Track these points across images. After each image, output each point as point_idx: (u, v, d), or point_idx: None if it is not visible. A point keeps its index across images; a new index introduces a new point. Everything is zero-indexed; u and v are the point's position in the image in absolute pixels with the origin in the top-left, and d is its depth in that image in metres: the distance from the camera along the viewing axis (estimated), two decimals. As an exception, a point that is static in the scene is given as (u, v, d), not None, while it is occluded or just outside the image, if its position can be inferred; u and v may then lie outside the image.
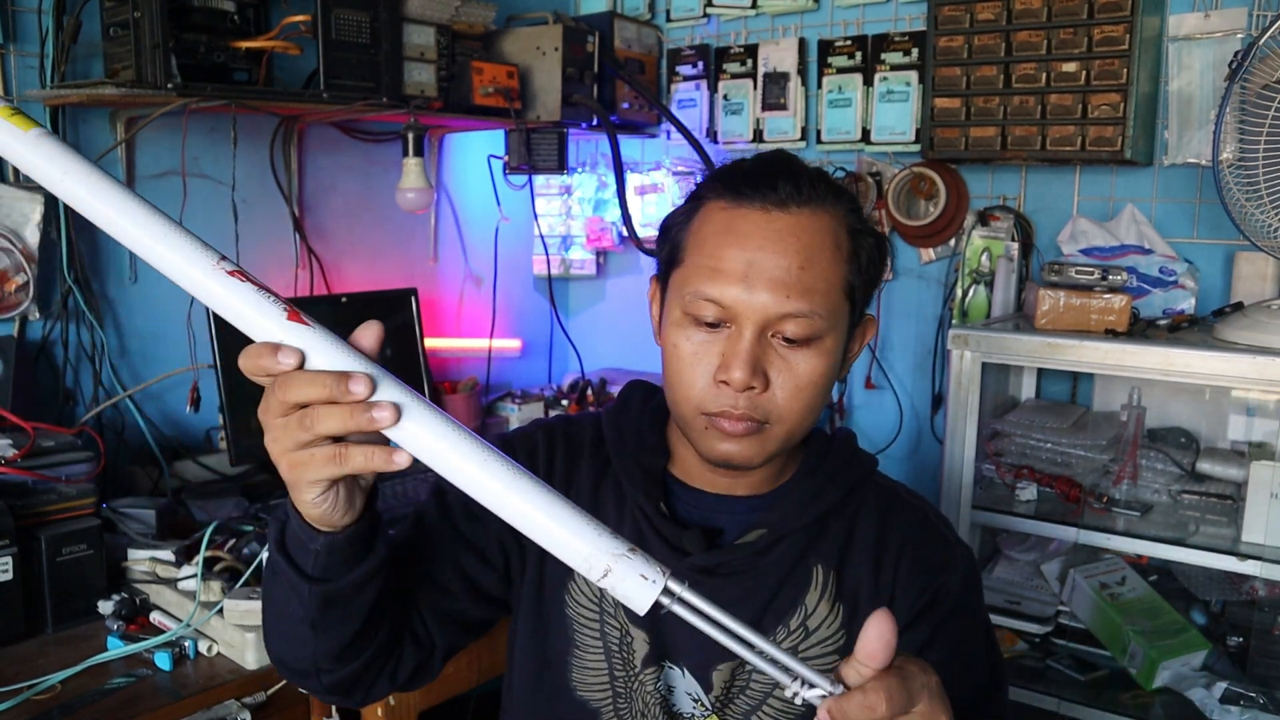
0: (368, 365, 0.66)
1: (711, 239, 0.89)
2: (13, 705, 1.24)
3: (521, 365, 2.74)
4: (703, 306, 0.88)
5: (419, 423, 0.65)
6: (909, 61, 2.23)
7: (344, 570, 0.79)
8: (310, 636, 0.83)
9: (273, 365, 0.65)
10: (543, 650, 1.01)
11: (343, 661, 0.87)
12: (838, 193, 0.91)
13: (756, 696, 0.97)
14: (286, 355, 0.65)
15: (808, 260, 0.87)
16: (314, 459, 0.67)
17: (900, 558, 0.98)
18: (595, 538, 0.65)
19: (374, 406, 0.64)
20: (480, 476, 0.65)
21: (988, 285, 2.15)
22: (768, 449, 0.91)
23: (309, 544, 0.77)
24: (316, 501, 0.72)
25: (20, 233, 1.72)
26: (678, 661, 0.97)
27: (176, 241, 0.66)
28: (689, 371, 0.90)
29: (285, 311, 0.66)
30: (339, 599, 0.80)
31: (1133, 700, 1.76)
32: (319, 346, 0.66)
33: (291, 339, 0.65)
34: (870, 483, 1.02)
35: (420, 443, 0.65)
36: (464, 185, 2.56)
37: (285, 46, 1.80)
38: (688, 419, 0.91)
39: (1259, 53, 1.58)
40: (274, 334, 0.66)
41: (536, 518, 0.65)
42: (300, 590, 0.79)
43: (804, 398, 0.89)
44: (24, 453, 1.49)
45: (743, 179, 0.90)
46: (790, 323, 0.87)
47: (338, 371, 0.65)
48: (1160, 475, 1.86)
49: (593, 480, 1.02)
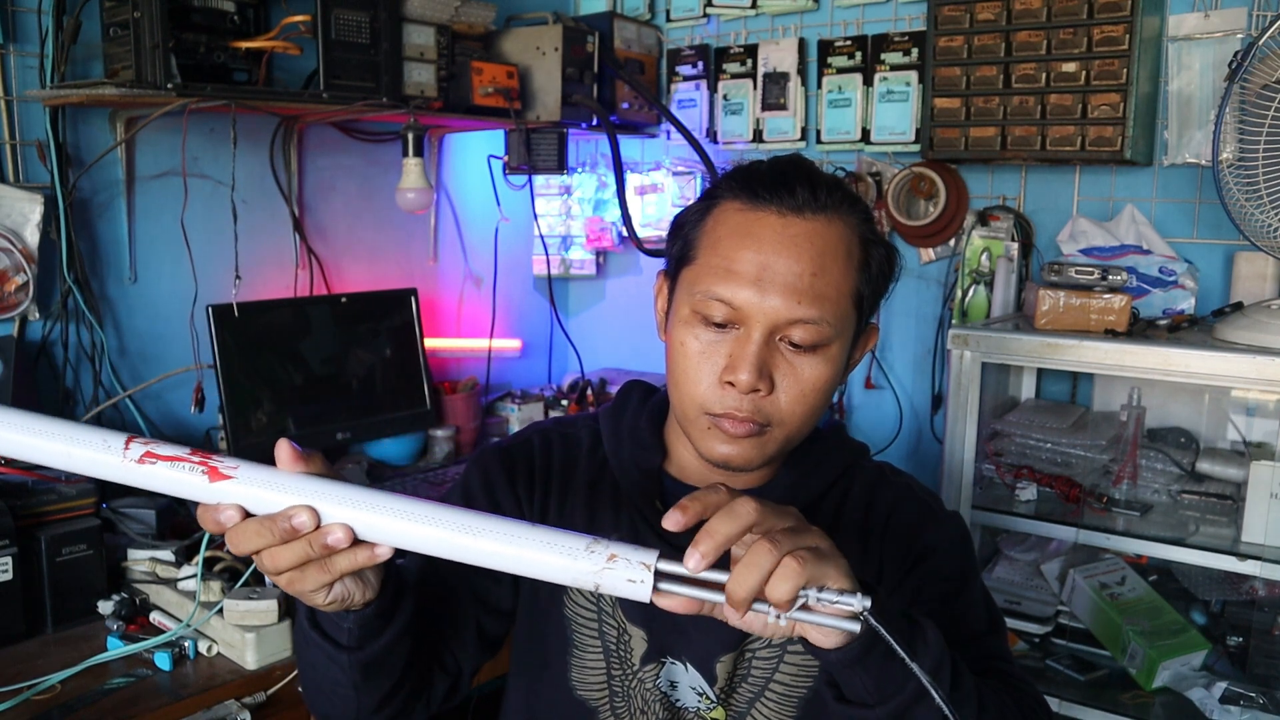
0: (305, 488, 0.69)
1: (726, 239, 0.89)
2: (13, 705, 1.24)
3: (521, 365, 2.74)
4: (713, 306, 0.88)
5: (376, 517, 0.69)
6: (909, 61, 2.23)
7: (377, 636, 0.82)
8: (354, 697, 0.86)
9: (217, 527, 0.69)
10: (541, 650, 1.02)
11: (384, 708, 0.90)
12: (852, 201, 0.92)
13: (758, 684, 0.97)
14: (225, 514, 0.69)
15: (820, 267, 0.87)
16: (304, 576, 0.71)
17: (886, 527, 0.99)
18: (573, 563, 0.68)
19: (326, 532, 0.68)
20: (456, 539, 0.69)
21: (988, 285, 2.15)
22: (767, 452, 0.91)
23: (341, 623, 0.81)
24: (326, 603, 0.76)
25: (20, 233, 1.72)
26: (679, 656, 0.98)
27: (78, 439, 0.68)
28: (695, 370, 0.90)
29: (205, 474, 0.68)
30: (377, 661, 0.84)
31: (1133, 700, 1.76)
32: (251, 490, 0.69)
33: (222, 497, 0.69)
34: (858, 467, 1.04)
35: (387, 532, 0.69)
36: (464, 185, 2.56)
37: (285, 46, 1.80)
38: (690, 417, 0.92)
39: (1259, 53, 1.58)
40: (206, 497, 0.69)
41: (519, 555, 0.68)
42: (339, 660, 0.83)
43: (807, 403, 0.90)
44: (24, 453, 1.49)
45: (759, 181, 0.90)
46: (799, 328, 0.87)
47: (278, 514, 0.68)
48: (1160, 475, 1.86)
49: (589, 481, 1.03)
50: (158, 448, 0.68)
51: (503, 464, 1.04)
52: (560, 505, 1.02)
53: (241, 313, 1.90)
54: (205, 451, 0.70)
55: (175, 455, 0.68)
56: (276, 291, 2.16)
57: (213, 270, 2.01)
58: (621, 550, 0.68)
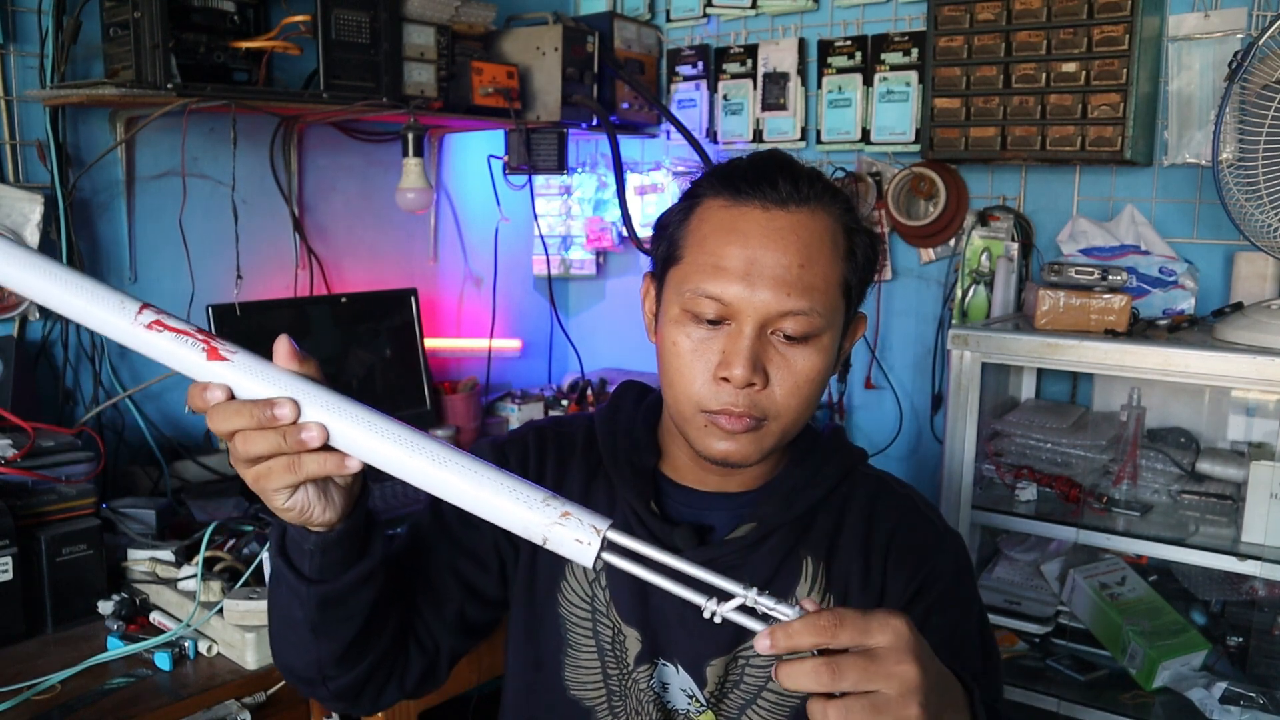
0: (293, 385, 0.70)
1: (712, 237, 0.90)
2: (13, 705, 1.24)
3: (521, 365, 2.74)
4: (704, 304, 0.88)
5: (353, 428, 0.70)
6: (909, 61, 2.23)
7: (340, 569, 0.81)
8: (312, 641, 0.85)
9: (200, 403, 0.70)
10: (536, 650, 1.02)
11: (346, 666, 0.88)
12: (834, 192, 0.92)
13: (751, 691, 0.97)
14: (212, 392, 0.70)
15: (808, 259, 0.88)
16: (271, 471, 0.71)
17: (889, 545, 0.98)
18: (526, 512, 0.68)
19: (302, 428, 0.69)
20: (423, 466, 0.69)
21: (988, 285, 2.15)
22: (764, 446, 0.91)
23: (303, 544, 0.79)
24: (287, 506, 0.74)
25: (20, 233, 1.72)
26: (671, 658, 0.97)
27: (98, 297, 0.70)
28: (688, 369, 0.90)
29: (205, 352, 0.70)
30: (336, 599, 0.82)
31: (1132, 700, 1.76)
32: (242, 376, 0.70)
33: (213, 376, 0.70)
34: (858, 473, 1.03)
35: (360, 446, 0.70)
36: (464, 185, 2.56)
37: (285, 46, 1.80)
38: (686, 416, 0.91)
39: (1259, 53, 1.58)
40: (199, 373, 0.70)
41: (477, 495, 0.69)
42: (300, 592, 0.81)
43: (802, 394, 0.90)
44: (24, 453, 1.49)
45: (740, 177, 0.90)
46: (790, 320, 0.87)
47: (261, 400, 0.69)
48: (1160, 475, 1.86)
49: (584, 480, 1.03)
50: (167, 319, 0.70)
51: (496, 460, 1.03)
52: None
53: (242, 313, 1.90)
54: (210, 333, 0.71)
55: (181, 329, 0.70)
56: (276, 291, 2.16)
57: (212, 270, 2.01)
58: (576, 511, 0.68)
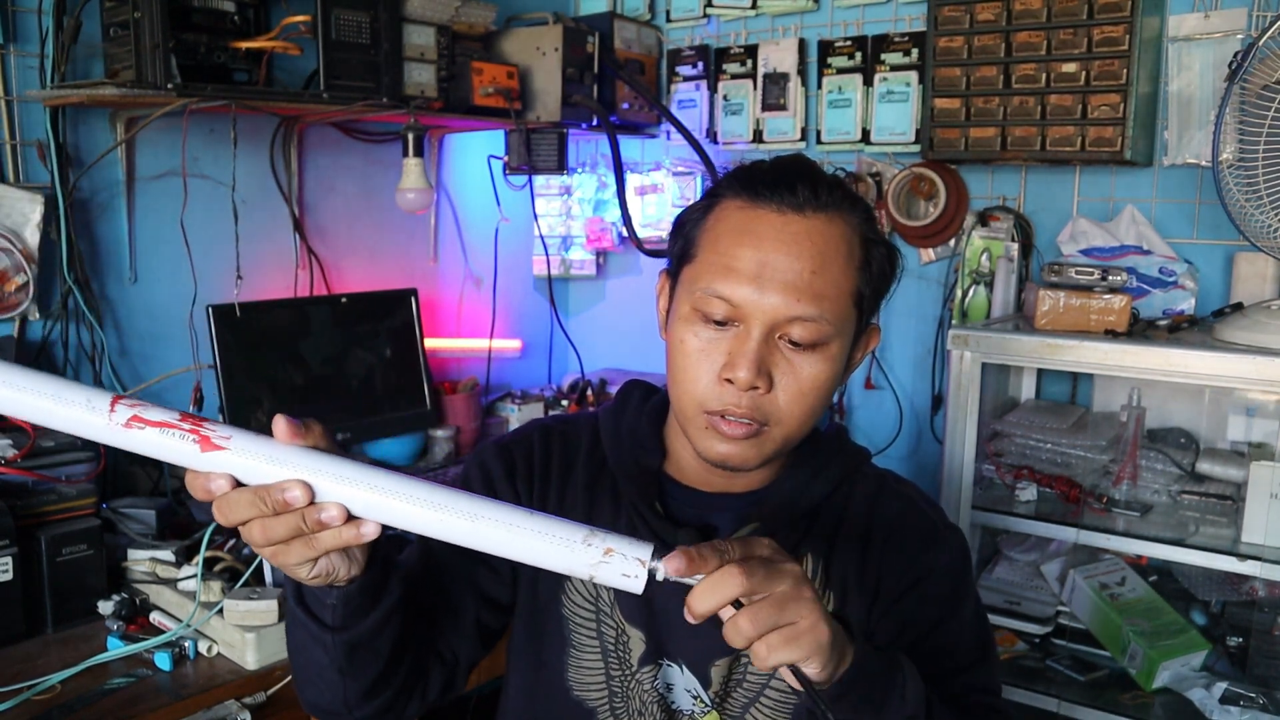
0: (301, 462, 0.68)
1: (726, 237, 0.89)
2: (13, 705, 1.24)
3: (521, 365, 2.74)
4: (713, 304, 0.88)
5: (372, 495, 0.68)
6: (909, 62, 2.23)
7: (362, 616, 0.81)
8: (339, 681, 0.85)
9: (206, 495, 0.68)
10: (539, 650, 1.02)
11: (373, 696, 0.88)
12: (854, 201, 0.92)
13: (753, 690, 0.97)
14: (214, 483, 0.67)
15: (820, 265, 0.87)
16: (289, 550, 0.70)
17: (887, 540, 0.98)
18: (569, 554, 0.68)
19: (320, 509, 0.67)
20: (455, 523, 0.68)
21: (988, 285, 2.15)
22: (765, 451, 0.91)
23: (324, 599, 0.79)
24: (310, 578, 0.74)
25: (20, 233, 1.72)
26: (675, 659, 0.97)
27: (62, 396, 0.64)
28: (694, 367, 0.90)
29: (197, 443, 0.66)
30: (362, 644, 0.83)
31: (1132, 700, 1.76)
32: (245, 460, 0.67)
33: (213, 466, 0.67)
34: (860, 473, 1.03)
35: (383, 512, 0.68)
36: (464, 185, 2.56)
37: (285, 47, 1.80)
38: (689, 415, 0.91)
39: (1259, 53, 1.58)
40: (196, 465, 0.67)
41: (516, 545, 0.69)
42: (324, 640, 0.81)
43: (806, 402, 0.90)
44: (24, 453, 1.49)
45: (760, 180, 0.90)
46: (798, 326, 0.87)
47: (272, 485, 0.67)
48: (1160, 475, 1.86)
49: (588, 480, 1.03)
50: (146, 411, 0.65)
51: (502, 459, 1.03)
52: (559, 504, 1.02)
53: (242, 313, 1.90)
54: (197, 418, 0.67)
55: (164, 421, 0.66)
56: (276, 292, 2.16)
57: (212, 270, 2.01)
58: (618, 545, 0.68)
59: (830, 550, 0.98)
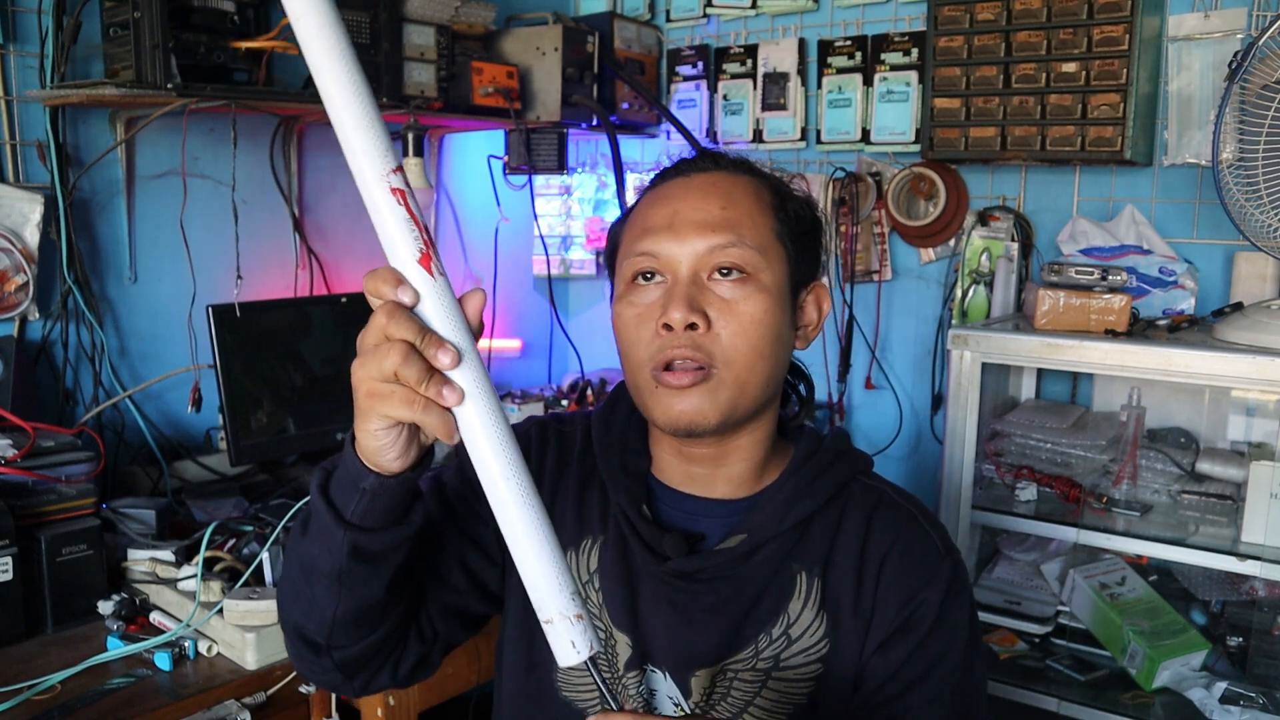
0: (465, 339, 0.69)
1: (640, 213, 0.96)
2: (13, 705, 1.24)
3: (521, 365, 2.74)
4: (636, 262, 0.91)
5: (477, 414, 0.69)
6: (909, 62, 2.23)
7: (381, 522, 0.80)
8: (334, 592, 0.83)
9: (388, 293, 0.68)
10: (529, 651, 1.01)
11: (357, 633, 0.87)
12: (761, 172, 0.98)
13: (738, 704, 0.94)
14: (404, 292, 0.68)
15: (729, 202, 0.91)
16: (393, 395, 0.69)
17: (882, 567, 0.93)
18: (557, 590, 0.71)
19: (446, 383, 0.68)
20: (503, 488, 0.70)
21: (988, 285, 2.15)
22: (720, 400, 0.89)
23: (359, 480, 0.78)
24: (378, 433, 0.73)
25: (20, 233, 1.72)
26: (659, 665, 0.96)
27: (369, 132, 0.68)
28: (634, 332, 0.91)
29: (419, 253, 0.68)
30: (370, 554, 0.81)
31: (1133, 700, 1.76)
32: (434, 298, 0.68)
33: (412, 279, 0.68)
34: (858, 484, 0.99)
35: (471, 432, 0.70)
36: (464, 185, 2.56)
37: (285, 46, 1.80)
38: (641, 384, 0.92)
39: (1259, 53, 1.58)
40: (402, 267, 0.68)
41: (528, 548, 0.71)
42: (335, 536, 0.80)
43: (749, 338, 0.89)
44: (24, 453, 1.49)
45: (667, 169, 0.98)
46: (718, 254, 0.89)
47: (436, 334, 0.68)
48: (1160, 475, 1.86)
49: (580, 481, 1.02)
50: (410, 197, 0.68)
51: None
52: (551, 501, 1.01)
53: (242, 313, 1.90)
54: (431, 237, 0.69)
55: (415, 215, 0.68)
56: (276, 292, 2.16)
57: (212, 270, 2.01)
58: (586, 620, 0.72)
59: (826, 568, 0.94)
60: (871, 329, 2.37)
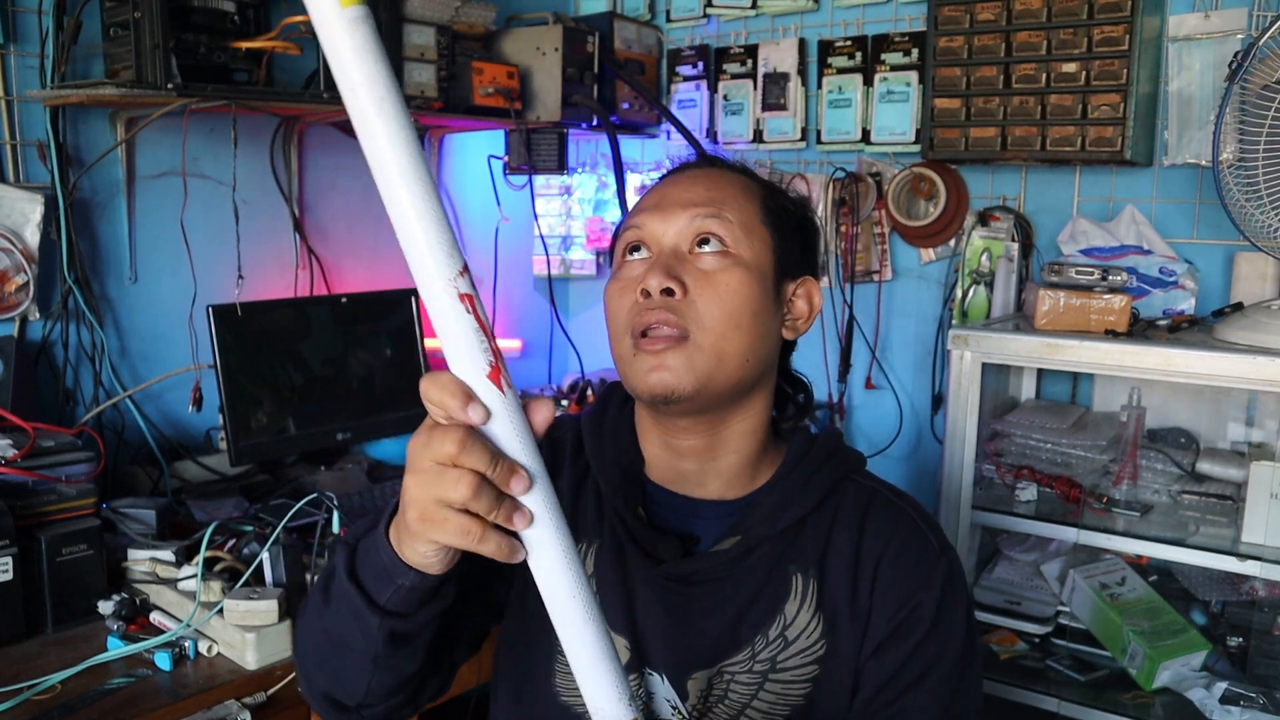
0: (533, 457, 0.66)
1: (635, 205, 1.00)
2: (13, 705, 1.24)
3: (521, 365, 2.74)
4: (625, 236, 0.96)
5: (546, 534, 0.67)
6: (909, 62, 2.23)
7: (417, 606, 0.79)
8: (368, 670, 0.82)
9: (457, 412, 0.64)
10: (527, 655, 1.00)
11: (393, 696, 0.87)
12: (756, 174, 1.01)
13: (735, 707, 0.93)
14: (474, 410, 0.64)
15: (714, 185, 0.96)
16: (448, 523, 0.66)
17: (878, 568, 0.93)
18: (615, 699, 0.72)
19: (517, 509, 0.65)
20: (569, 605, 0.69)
21: (988, 285, 2.15)
22: (696, 366, 0.89)
23: (396, 577, 0.76)
24: (426, 554, 0.72)
25: (20, 233, 1.72)
26: (657, 668, 0.95)
27: (433, 233, 0.61)
28: (617, 303, 0.94)
29: (489, 366, 0.63)
30: (407, 634, 0.80)
31: (1133, 700, 1.76)
32: (505, 416, 0.64)
33: (482, 394, 0.64)
34: (852, 483, 0.98)
35: (537, 553, 0.67)
36: (464, 185, 2.56)
37: (285, 46, 1.80)
38: (621, 354, 0.93)
39: (1259, 53, 1.59)
40: (470, 381, 0.63)
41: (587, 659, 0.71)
42: (368, 622, 0.78)
43: (725, 308, 0.90)
44: (24, 453, 1.49)
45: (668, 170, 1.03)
46: (699, 223, 0.92)
47: (510, 460, 0.64)
48: (1160, 475, 1.86)
49: (573, 485, 1.01)
50: (478, 303, 0.62)
51: None
52: None
53: (243, 313, 1.90)
54: (498, 348, 0.64)
55: (484, 324, 0.62)
56: (277, 292, 2.16)
57: (212, 270, 2.01)
58: None
59: (822, 569, 0.94)
60: (872, 329, 2.37)
